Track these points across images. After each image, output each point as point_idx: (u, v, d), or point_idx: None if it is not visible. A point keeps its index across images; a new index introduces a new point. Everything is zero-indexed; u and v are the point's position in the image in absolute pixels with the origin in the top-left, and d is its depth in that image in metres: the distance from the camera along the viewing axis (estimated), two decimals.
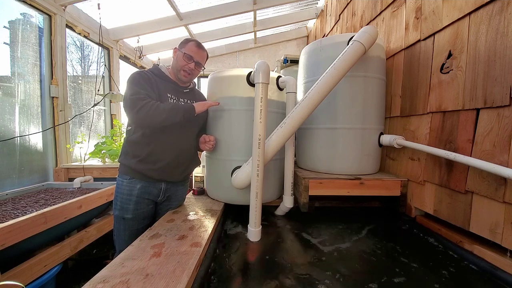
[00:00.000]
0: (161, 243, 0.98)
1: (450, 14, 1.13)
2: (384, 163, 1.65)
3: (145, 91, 1.19)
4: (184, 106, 1.23)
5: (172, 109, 1.18)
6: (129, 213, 1.27)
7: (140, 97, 1.15)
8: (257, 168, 1.14)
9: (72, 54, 2.68)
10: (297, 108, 1.20)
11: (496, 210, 0.93)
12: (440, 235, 1.17)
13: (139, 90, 1.17)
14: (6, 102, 1.92)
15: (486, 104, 0.96)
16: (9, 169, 1.92)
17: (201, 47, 1.31)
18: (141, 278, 0.75)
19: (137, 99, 1.14)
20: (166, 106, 1.17)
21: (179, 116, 1.19)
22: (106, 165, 2.46)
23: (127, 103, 1.16)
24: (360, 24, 2.08)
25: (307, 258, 1.03)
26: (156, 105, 1.15)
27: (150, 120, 1.15)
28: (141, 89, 1.18)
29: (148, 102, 1.14)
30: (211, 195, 1.60)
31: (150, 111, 1.13)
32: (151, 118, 1.15)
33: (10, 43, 1.96)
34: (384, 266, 0.97)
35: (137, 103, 1.13)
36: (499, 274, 0.87)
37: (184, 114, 1.21)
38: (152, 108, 1.13)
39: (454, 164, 1.11)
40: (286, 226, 1.36)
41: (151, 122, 1.17)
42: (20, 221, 1.26)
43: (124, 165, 1.30)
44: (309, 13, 3.83)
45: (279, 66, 2.65)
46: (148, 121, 1.16)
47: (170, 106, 1.18)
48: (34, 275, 1.38)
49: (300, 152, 1.69)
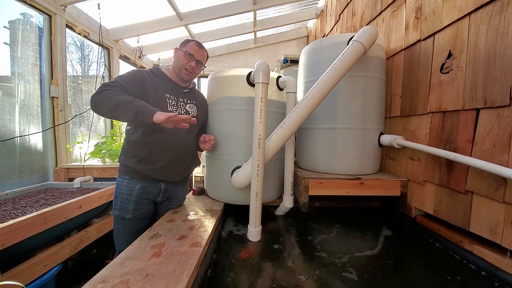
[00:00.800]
0: (161, 243, 0.98)
1: (450, 14, 1.13)
2: (384, 163, 1.65)
3: (125, 84, 1.14)
4: (143, 107, 1.05)
5: (127, 102, 1.04)
6: (129, 213, 1.27)
7: (107, 84, 1.10)
8: (257, 168, 1.14)
9: (72, 54, 2.68)
10: (297, 108, 1.20)
11: (496, 210, 0.93)
12: (440, 235, 1.17)
13: (118, 80, 1.15)
14: (6, 102, 1.92)
15: (486, 104, 0.96)
16: (9, 169, 1.92)
17: (202, 47, 1.32)
18: (141, 278, 0.75)
19: (104, 84, 1.10)
20: (123, 97, 1.05)
21: (131, 112, 1.03)
22: (106, 165, 2.46)
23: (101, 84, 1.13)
24: (360, 24, 2.08)
25: (307, 258, 1.03)
26: (114, 94, 1.06)
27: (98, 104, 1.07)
28: (121, 80, 1.15)
29: (109, 89, 1.07)
30: (211, 195, 1.60)
31: (104, 96, 1.05)
32: (101, 104, 1.06)
33: (10, 43, 1.96)
34: (384, 266, 0.97)
35: (100, 88, 1.09)
36: (499, 274, 0.87)
37: (138, 114, 1.03)
38: (108, 94, 1.05)
39: (454, 164, 1.11)
40: (286, 226, 1.36)
41: (98, 107, 1.08)
42: (20, 221, 1.26)
43: (123, 165, 1.30)
44: (309, 13, 3.83)
45: (279, 66, 2.65)
46: (96, 105, 1.08)
47: (127, 99, 1.05)
48: (34, 275, 1.38)
49: (300, 152, 1.69)
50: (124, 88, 1.13)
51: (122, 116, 1.08)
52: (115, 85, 1.12)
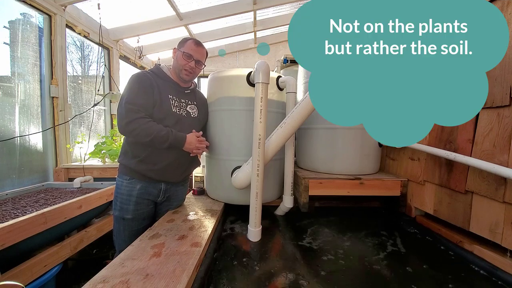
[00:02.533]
0: (161, 243, 0.98)
1: None
2: (384, 163, 1.65)
3: (142, 100, 1.18)
4: (176, 137, 1.19)
5: (161, 136, 1.15)
6: (129, 214, 1.27)
7: (134, 109, 1.14)
8: (257, 168, 1.14)
9: (72, 54, 2.68)
10: (297, 108, 1.20)
11: (496, 210, 0.93)
12: (440, 235, 1.17)
13: (135, 98, 1.16)
14: (6, 102, 1.92)
15: (486, 104, 0.96)
16: (9, 169, 1.92)
17: (200, 45, 1.30)
18: (141, 278, 0.75)
19: (130, 110, 1.13)
20: (158, 130, 1.15)
21: (165, 144, 1.17)
22: (106, 165, 2.46)
23: (121, 109, 1.16)
24: None
25: (307, 258, 1.03)
26: (149, 126, 1.14)
27: (136, 136, 1.16)
28: (138, 98, 1.17)
29: (140, 118, 1.13)
30: (211, 195, 1.60)
31: (139, 128, 1.13)
32: (138, 136, 1.15)
33: (10, 43, 1.96)
34: (384, 266, 0.97)
35: (129, 115, 1.13)
36: (499, 274, 0.87)
37: (171, 144, 1.19)
38: (142, 126, 1.13)
39: (454, 164, 1.11)
40: (286, 226, 1.36)
41: (136, 138, 1.18)
42: (20, 221, 1.26)
43: (123, 165, 1.30)
44: None
45: (279, 66, 2.65)
46: (134, 136, 1.17)
47: (162, 133, 1.16)
48: (34, 275, 1.38)
49: (300, 152, 1.69)
50: (146, 110, 1.18)
51: (156, 145, 1.19)
52: (138, 109, 1.15)
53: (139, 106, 1.16)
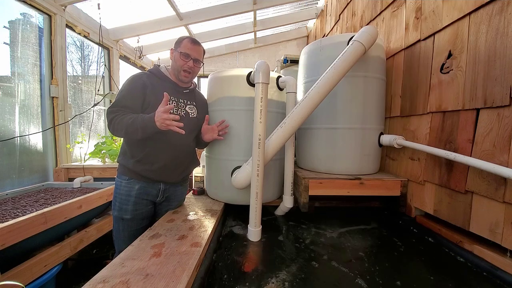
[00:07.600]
0: (161, 243, 0.98)
1: (450, 14, 1.13)
2: (384, 163, 1.65)
3: (126, 102, 1.20)
4: (143, 119, 1.11)
5: (130, 125, 1.12)
6: (128, 214, 1.27)
7: (113, 110, 1.19)
8: (257, 168, 1.14)
9: (72, 54, 2.68)
10: (297, 108, 1.20)
11: (496, 210, 0.92)
12: (440, 235, 1.17)
13: (119, 101, 1.20)
14: (6, 102, 1.92)
15: (486, 104, 0.96)
16: (9, 169, 1.92)
17: (196, 43, 1.30)
18: (141, 278, 0.75)
19: (111, 111, 1.19)
20: (126, 120, 1.14)
21: (139, 132, 1.13)
22: (106, 165, 2.46)
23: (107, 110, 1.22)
24: (360, 24, 2.08)
25: (307, 258, 1.03)
26: (120, 119, 1.15)
27: (117, 134, 1.21)
28: (122, 101, 1.20)
29: (115, 117, 1.16)
30: (211, 195, 1.60)
31: (116, 125, 1.17)
32: (117, 132, 1.19)
33: (10, 43, 1.96)
34: (384, 266, 0.97)
35: (109, 116, 1.19)
36: (499, 274, 0.87)
37: (143, 128, 1.11)
38: (116, 122, 1.16)
39: (454, 164, 1.11)
40: (286, 226, 1.36)
41: (119, 135, 1.22)
42: (20, 221, 1.26)
43: (122, 166, 1.30)
44: (309, 13, 3.83)
45: (279, 66, 2.64)
46: (116, 135, 1.23)
47: (130, 121, 1.13)
48: (34, 275, 1.38)
49: (300, 152, 1.69)
50: (126, 107, 1.20)
51: (136, 137, 1.16)
52: (117, 109, 1.19)
53: (120, 107, 1.19)
